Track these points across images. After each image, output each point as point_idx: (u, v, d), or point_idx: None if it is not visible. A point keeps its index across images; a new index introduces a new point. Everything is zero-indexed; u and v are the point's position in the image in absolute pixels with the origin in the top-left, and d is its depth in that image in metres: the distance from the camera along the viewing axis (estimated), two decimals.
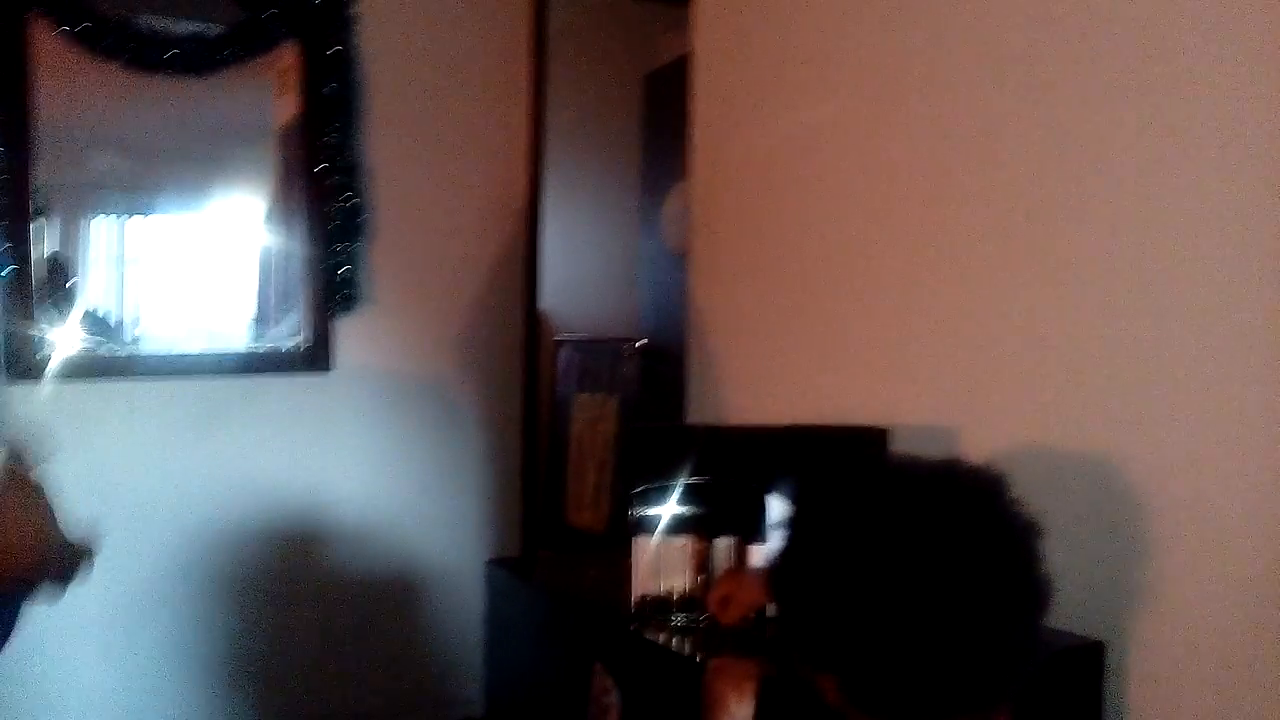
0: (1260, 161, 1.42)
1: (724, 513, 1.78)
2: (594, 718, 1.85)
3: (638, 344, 2.73)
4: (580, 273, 2.91)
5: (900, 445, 1.81)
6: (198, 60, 2.28)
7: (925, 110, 1.89)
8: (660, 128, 2.94)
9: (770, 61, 2.26)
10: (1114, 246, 1.61)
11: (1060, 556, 1.07)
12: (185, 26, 2.28)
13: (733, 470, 1.83)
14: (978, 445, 1.78)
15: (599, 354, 2.72)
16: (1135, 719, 1.60)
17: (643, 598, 1.75)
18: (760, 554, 1.70)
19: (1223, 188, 1.48)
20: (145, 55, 2.24)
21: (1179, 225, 1.53)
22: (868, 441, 1.82)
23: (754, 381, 2.28)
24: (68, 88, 2.23)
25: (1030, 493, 1.08)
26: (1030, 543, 1.05)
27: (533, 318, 2.69)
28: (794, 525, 1.13)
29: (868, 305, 2.01)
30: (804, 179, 2.17)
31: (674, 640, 1.67)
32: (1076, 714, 1.60)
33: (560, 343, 2.82)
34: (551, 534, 2.69)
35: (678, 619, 1.71)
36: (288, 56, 2.39)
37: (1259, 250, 1.43)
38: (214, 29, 2.29)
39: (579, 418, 2.80)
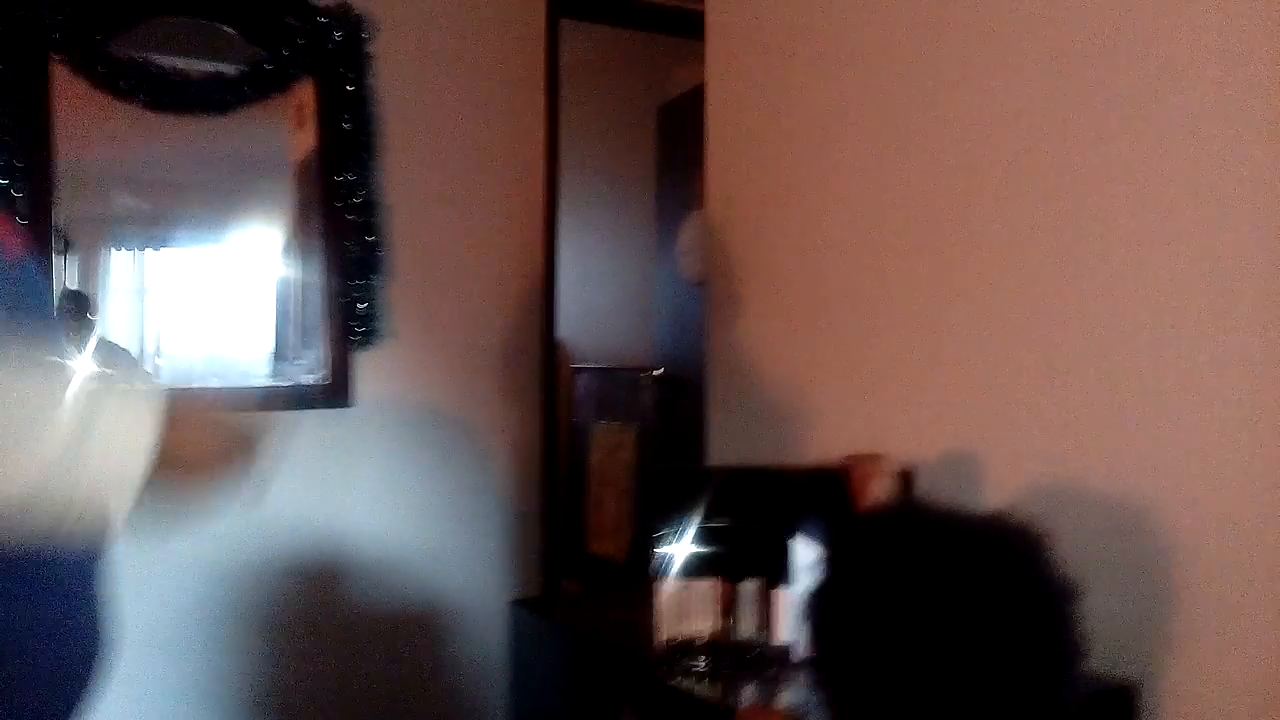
0: None
1: (748, 554, 1.78)
2: None
3: (655, 373, 2.74)
4: (597, 303, 2.93)
5: (925, 480, 1.81)
6: (216, 99, 2.29)
7: (941, 138, 1.89)
8: (675, 158, 2.95)
9: (782, 90, 2.26)
10: (1146, 276, 1.61)
11: (1088, 596, 1.08)
12: (204, 66, 2.29)
13: (755, 511, 1.83)
14: (1003, 480, 1.78)
15: (617, 383, 2.73)
16: None
17: (668, 641, 1.75)
18: (787, 597, 1.70)
19: (1257, 214, 1.48)
20: (164, 95, 2.25)
21: (1218, 256, 1.52)
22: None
23: (776, 415, 2.28)
24: (88, 127, 2.25)
25: (1058, 529, 1.08)
26: (1068, 607, 1.05)
27: (550, 347, 2.70)
28: (833, 577, 1.13)
29: (889, 336, 2.01)
30: (819, 208, 2.17)
31: (700, 686, 1.67)
32: None
33: (578, 371, 2.83)
34: (573, 563, 2.69)
35: (703, 663, 1.71)
36: (304, 93, 2.40)
37: None
38: (232, 69, 2.30)
39: (598, 446, 2.81)
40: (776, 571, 1.71)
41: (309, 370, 2.46)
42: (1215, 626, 1.53)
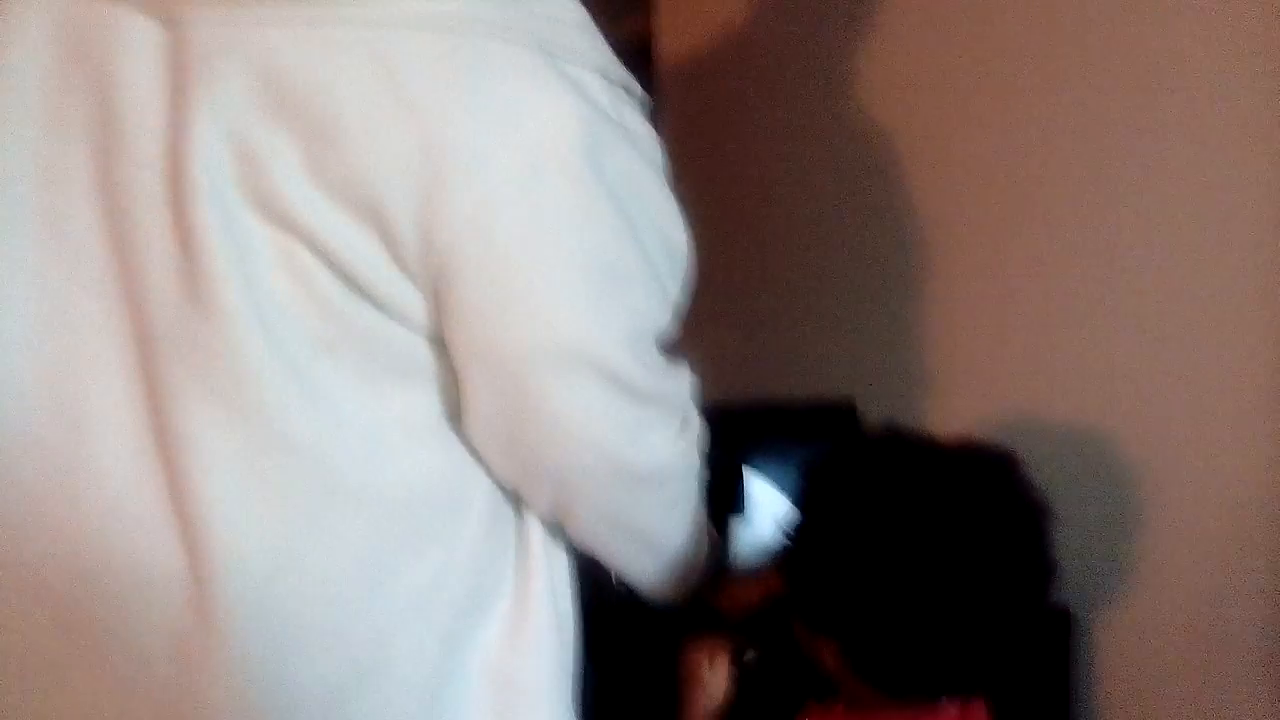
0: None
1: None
2: None
3: None
4: None
5: (872, 417, 1.83)
6: None
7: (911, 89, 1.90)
8: None
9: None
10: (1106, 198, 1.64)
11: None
12: None
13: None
14: (949, 414, 1.81)
15: None
16: (1103, 688, 1.66)
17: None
18: (739, 526, 1.70)
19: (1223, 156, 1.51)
20: None
21: (1184, 202, 1.56)
22: (838, 414, 1.84)
23: (723, 355, 2.28)
24: None
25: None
26: (1041, 524, 1.08)
27: None
28: (809, 491, 1.14)
29: (837, 276, 2.02)
30: (771, 156, 2.17)
31: (656, 618, 1.66)
32: (1045, 681, 1.65)
33: None
34: None
35: None
36: None
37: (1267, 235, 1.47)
38: None
39: None
40: (729, 503, 1.71)
41: None
42: (1159, 560, 1.59)
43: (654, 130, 1.04)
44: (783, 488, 1.63)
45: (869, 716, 1.15)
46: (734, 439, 1.85)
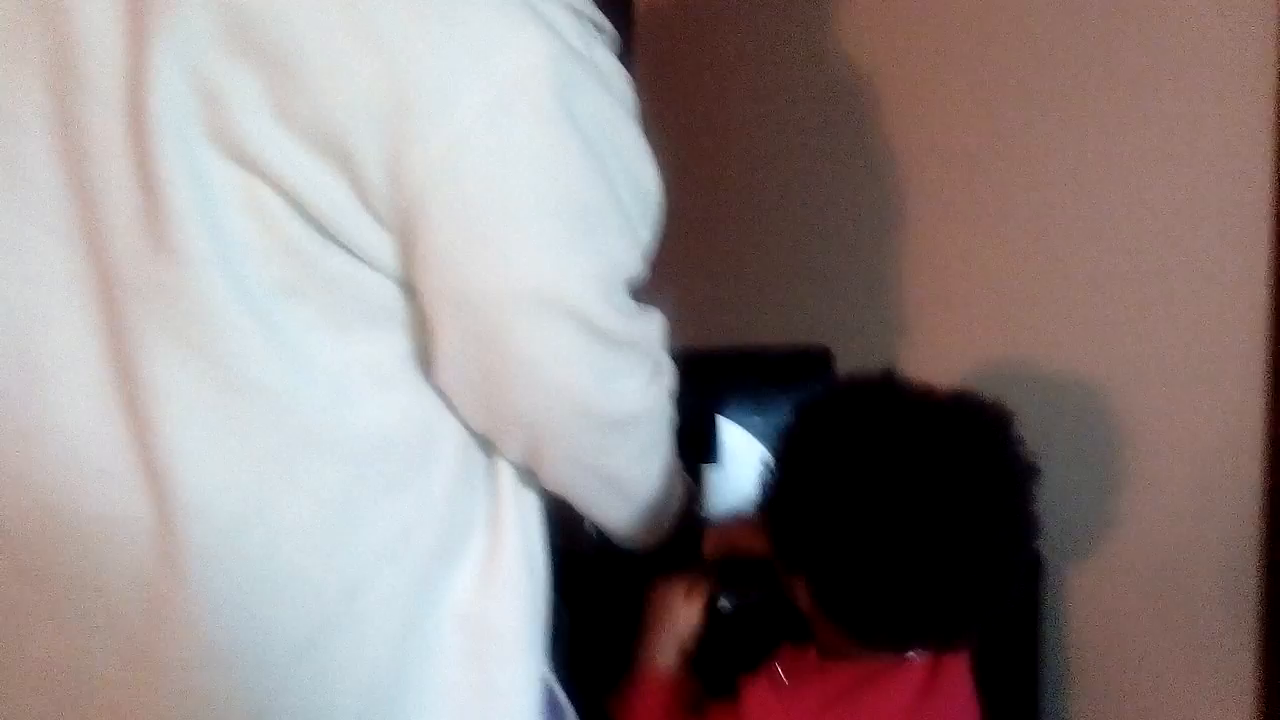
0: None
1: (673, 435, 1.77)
2: None
3: None
4: None
5: (847, 365, 1.83)
6: None
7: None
8: None
9: None
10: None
11: None
12: None
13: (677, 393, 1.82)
14: (923, 362, 1.81)
15: None
16: (1074, 634, 1.68)
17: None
18: (711, 474, 1.70)
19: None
20: None
21: (1168, 151, 1.56)
22: (811, 361, 1.83)
23: (697, 301, 2.27)
24: None
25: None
26: (1027, 484, 1.07)
27: None
28: (798, 428, 1.14)
29: (813, 222, 2.01)
30: (747, 98, 2.14)
31: (631, 562, 1.66)
32: (1015, 625, 1.66)
33: None
34: None
35: None
36: None
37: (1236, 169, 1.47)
38: None
39: None
40: (703, 450, 1.70)
41: None
42: (1130, 510, 1.60)
43: (626, 69, 1.01)
44: (757, 434, 1.62)
45: (839, 664, 1.15)
46: (708, 385, 1.84)
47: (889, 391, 1.14)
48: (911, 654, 1.14)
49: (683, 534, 1.37)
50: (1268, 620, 1.49)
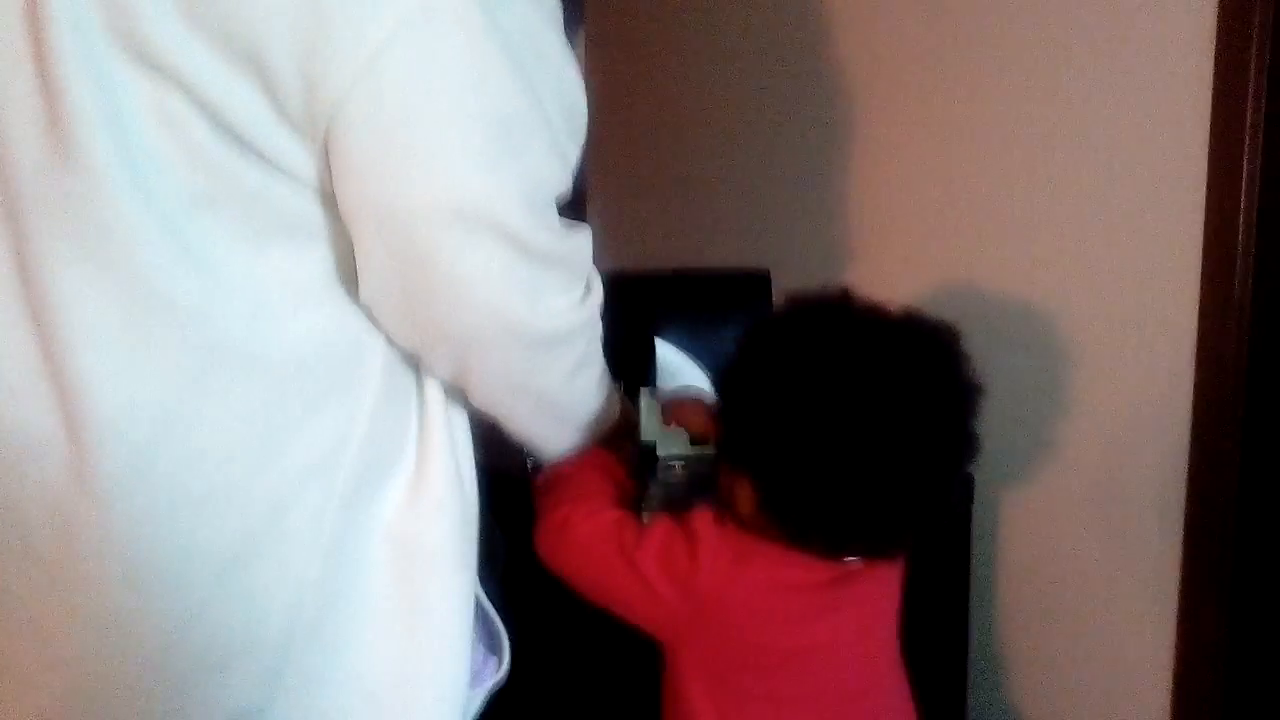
0: None
1: (610, 357, 1.76)
2: None
3: None
4: None
5: (785, 287, 1.83)
6: None
7: None
8: None
9: None
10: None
11: None
12: None
13: (615, 315, 1.81)
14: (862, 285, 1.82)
15: None
16: (1004, 553, 1.71)
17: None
18: (648, 398, 1.70)
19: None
20: None
21: (1114, 71, 1.55)
22: (751, 284, 1.83)
23: (637, 223, 2.25)
24: None
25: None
26: (971, 401, 1.09)
27: None
28: (754, 339, 1.15)
29: (754, 144, 1.99)
30: (690, 16, 2.11)
31: None
32: (945, 540, 1.69)
33: None
34: None
35: None
36: None
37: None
38: None
39: None
40: (640, 373, 1.70)
41: None
42: (1064, 430, 1.63)
43: None
44: (694, 356, 1.62)
45: (755, 539, 1.16)
46: (646, 307, 1.84)
47: (844, 307, 1.15)
48: (847, 559, 1.16)
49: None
50: (1192, 527, 1.53)
